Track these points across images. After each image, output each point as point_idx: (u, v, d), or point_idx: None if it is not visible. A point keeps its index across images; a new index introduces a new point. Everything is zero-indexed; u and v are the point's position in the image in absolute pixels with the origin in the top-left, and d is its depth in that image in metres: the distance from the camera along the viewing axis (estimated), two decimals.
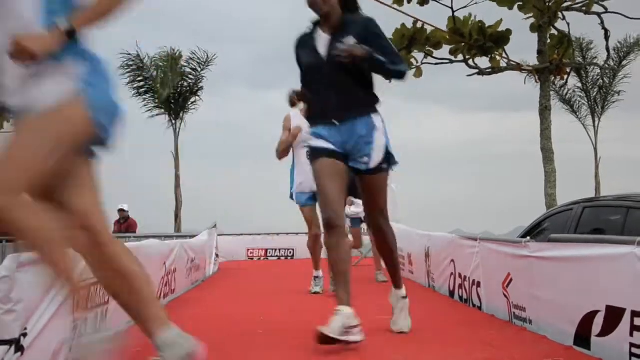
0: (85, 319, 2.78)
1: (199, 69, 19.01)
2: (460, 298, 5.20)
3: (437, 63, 12.63)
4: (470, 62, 12.28)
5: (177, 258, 5.95)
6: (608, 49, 12.62)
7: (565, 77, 13.03)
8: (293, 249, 12.82)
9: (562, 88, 18.61)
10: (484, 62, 12.47)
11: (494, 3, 11.57)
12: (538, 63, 12.13)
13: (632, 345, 2.61)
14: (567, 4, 11.53)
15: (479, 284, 4.69)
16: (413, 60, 12.64)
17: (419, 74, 12.75)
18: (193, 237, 8.68)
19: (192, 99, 19.16)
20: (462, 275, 5.15)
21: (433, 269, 6.18)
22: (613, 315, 2.76)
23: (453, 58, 12.39)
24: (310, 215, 5.96)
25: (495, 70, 12.39)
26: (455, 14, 11.88)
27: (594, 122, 20.12)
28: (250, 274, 9.06)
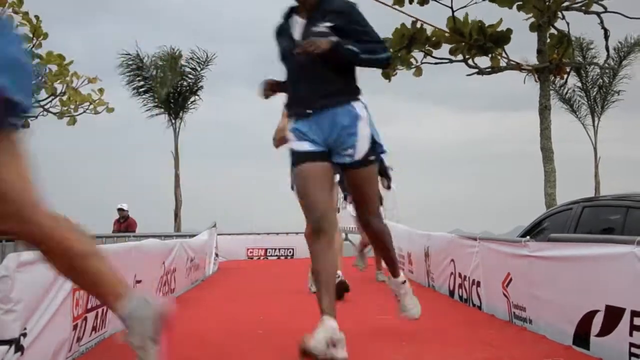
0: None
1: (199, 69, 19.02)
2: (460, 298, 5.20)
3: (436, 62, 12.64)
4: (470, 61, 12.28)
5: (176, 257, 5.96)
6: (607, 49, 12.62)
7: (565, 76, 13.03)
8: (293, 249, 12.82)
9: (561, 87, 18.62)
10: (484, 61, 12.48)
11: (494, 3, 11.57)
12: (538, 62, 12.13)
13: (631, 345, 2.61)
14: (566, 4, 11.53)
15: (479, 284, 4.69)
16: (413, 60, 12.64)
17: (419, 74, 12.76)
18: (193, 236, 8.68)
19: (191, 99, 19.17)
20: (461, 275, 5.15)
21: (433, 269, 6.18)
22: (613, 315, 2.76)
23: (453, 58, 12.39)
24: None
25: (495, 70, 12.39)
26: (455, 14, 11.87)
27: (594, 121, 20.12)
28: (250, 274, 9.06)
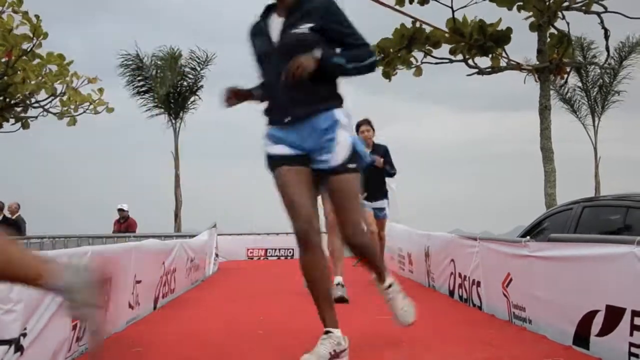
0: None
1: (199, 69, 19.01)
2: (460, 297, 5.20)
3: (436, 62, 12.63)
4: (470, 61, 12.27)
5: (176, 258, 5.96)
6: (608, 49, 12.61)
7: (565, 76, 13.01)
8: (293, 249, 12.80)
9: (562, 87, 18.60)
10: (484, 61, 12.47)
11: (494, 3, 11.56)
12: (538, 62, 12.13)
13: (631, 345, 2.61)
14: (566, 4, 11.51)
15: (479, 284, 4.69)
16: (413, 60, 12.64)
17: (419, 73, 12.75)
18: (193, 236, 8.68)
19: (191, 99, 19.16)
20: (461, 275, 5.15)
21: (433, 269, 6.18)
22: (613, 315, 2.76)
23: (453, 57, 12.38)
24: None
25: (495, 70, 12.38)
26: (455, 14, 11.86)
27: (594, 121, 20.11)
28: (250, 274, 9.05)
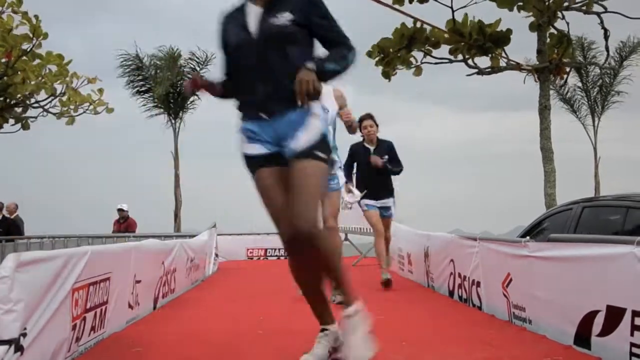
0: None
1: (198, 69, 19.01)
2: (460, 298, 5.20)
3: (436, 62, 12.62)
4: (470, 61, 12.27)
5: (176, 258, 5.96)
6: (607, 49, 12.61)
7: (565, 76, 13.01)
8: None
9: (562, 87, 18.59)
10: (484, 61, 12.46)
11: (494, 3, 11.56)
12: (537, 62, 12.13)
13: (632, 345, 2.61)
14: (566, 4, 11.51)
15: (479, 284, 4.69)
16: (413, 60, 12.64)
17: (419, 73, 12.75)
18: (193, 236, 8.68)
19: (191, 99, 19.16)
20: (461, 275, 5.15)
21: (432, 269, 6.18)
22: (613, 315, 2.76)
23: (453, 57, 12.38)
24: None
25: (495, 70, 12.37)
26: (455, 14, 11.86)
27: (594, 121, 20.10)
28: (250, 274, 9.05)
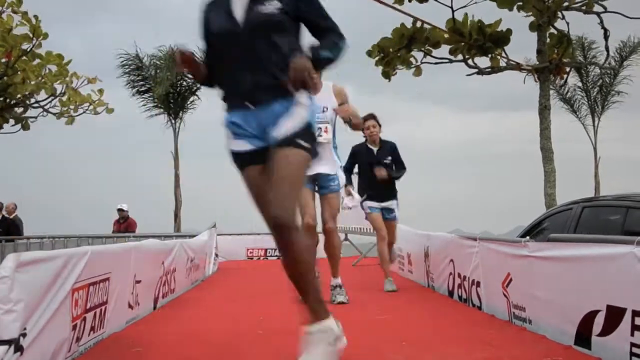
0: None
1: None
2: (460, 298, 5.20)
3: (436, 62, 12.63)
4: (470, 61, 12.27)
5: (176, 258, 5.95)
6: (607, 49, 12.61)
7: (565, 76, 13.02)
8: None
9: (562, 87, 18.59)
10: (484, 61, 12.47)
11: (494, 3, 11.56)
12: (537, 62, 12.13)
13: (632, 345, 2.61)
14: (566, 4, 11.52)
15: (479, 284, 4.68)
16: (412, 60, 12.64)
17: (419, 73, 12.76)
18: (193, 236, 8.67)
19: (191, 99, 19.15)
20: (461, 275, 5.15)
21: (432, 269, 6.18)
22: (614, 315, 2.76)
23: (452, 57, 12.38)
24: (305, 199, 5.09)
25: (495, 70, 12.38)
26: (455, 14, 11.87)
27: (594, 121, 20.09)
28: (250, 274, 9.05)
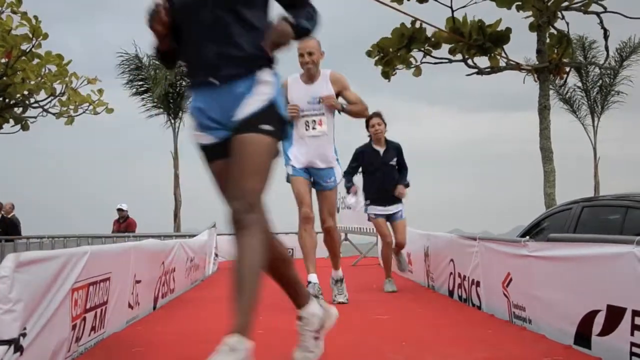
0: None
1: None
2: (460, 298, 5.20)
3: (436, 62, 12.63)
4: (470, 61, 12.27)
5: (176, 258, 5.95)
6: (607, 49, 12.62)
7: (565, 76, 13.03)
8: (292, 249, 12.75)
9: (561, 87, 18.59)
10: (484, 61, 12.47)
11: (494, 3, 11.56)
12: (537, 62, 12.13)
13: (632, 345, 2.61)
14: (565, 4, 11.52)
15: (479, 284, 4.69)
16: (412, 60, 12.64)
17: (418, 73, 12.75)
18: (192, 236, 8.67)
19: (191, 99, 19.15)
20: (461, 275, 5.15)
21: (432, 269, 6.18)
22: (614, 315, 2.76)
23: (452, 57, 12.38)
24: (300, 190, 5.02)
25: (495, 70, 12.38)
26: (455, 13, 11.87)
27: (594, 121, 20.12)
28: None
